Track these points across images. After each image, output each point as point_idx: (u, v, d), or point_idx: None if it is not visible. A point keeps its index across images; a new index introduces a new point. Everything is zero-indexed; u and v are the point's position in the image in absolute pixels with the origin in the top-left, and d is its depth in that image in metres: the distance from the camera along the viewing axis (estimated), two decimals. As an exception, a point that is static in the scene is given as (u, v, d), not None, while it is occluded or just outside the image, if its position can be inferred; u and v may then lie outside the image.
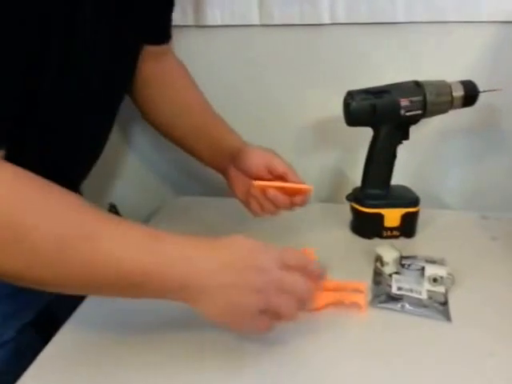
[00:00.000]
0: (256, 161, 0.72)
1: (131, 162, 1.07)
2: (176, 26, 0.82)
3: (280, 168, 0.70)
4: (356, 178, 0.83)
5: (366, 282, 0.66)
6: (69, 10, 0.51)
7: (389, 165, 0.80)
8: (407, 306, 0.62)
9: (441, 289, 0.64)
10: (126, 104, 0.77)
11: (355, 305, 0.62)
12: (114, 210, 1.06)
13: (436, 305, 0.62)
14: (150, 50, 0.77)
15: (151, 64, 0.79)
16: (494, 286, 0.67)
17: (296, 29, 0.90)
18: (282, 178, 0.70)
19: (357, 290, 0.64)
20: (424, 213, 0.81)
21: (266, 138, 0.95)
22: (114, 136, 0.80)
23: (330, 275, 0.67)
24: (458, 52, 0.86)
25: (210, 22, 0.91)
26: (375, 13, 0.86)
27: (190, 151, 0.82)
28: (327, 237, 0.80)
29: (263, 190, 0.70)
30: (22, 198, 0.45)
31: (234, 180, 0.75)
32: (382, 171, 0.80)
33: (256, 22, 0.91)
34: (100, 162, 1.04)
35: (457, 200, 0.95)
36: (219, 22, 0.91)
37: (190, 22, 0.92)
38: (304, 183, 0.70)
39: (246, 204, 0.74)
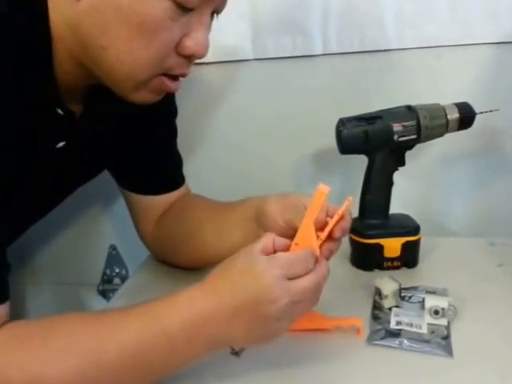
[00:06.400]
0: (274, 216, 0.61)
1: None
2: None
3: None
4: (355, 209, 0.80)
5: (362, 318, 0.62)
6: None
7: (386, 193, 0.77)
8: (406, 342, 0.58)
9: (442, 321, 0.60)
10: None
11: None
12: (114, 251, 1.07)
13: (437, 339, 0.58)
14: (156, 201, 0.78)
15: (168, 218, 0.78)
16: (499, 316, 0.63)
17: (289, 61, 0.90)
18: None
19: (353, 327, 0.61)
20: (427, 241, 0.78)
21: (263, 170, 0.96)
22: (113, 180, 0.81)
23: (327, 311, 0.64)
24: (452, 75, 0.85)
25: (203, 59, 0.92)
26: (366, 41, 0.87)
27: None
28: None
29: None
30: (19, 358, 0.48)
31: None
32: (379, 200, 0.78)
33: (250, 56, 0.92)
34: (100, 205, 1.06)
35: (462, 226, 0.91)
36: (212, 59, 0.91)
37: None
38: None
39: None
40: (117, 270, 1.06)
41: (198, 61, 0.93)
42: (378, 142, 0.75)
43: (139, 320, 0.50)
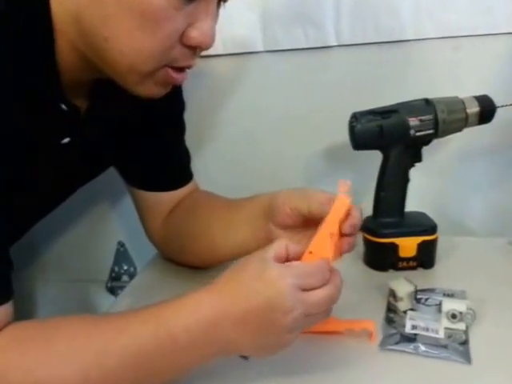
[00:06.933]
0: (281, 205, 0.60)
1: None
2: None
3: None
4: (369, 207, 0.77)
5: (375, 321, 0.59)
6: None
7: (401, 190, 0.74)
8: (421, 347, 0.55)
9: (460, 326, 0.57)
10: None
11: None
12: (122, 248, 1.05)
13: (455, 345, 0.55)
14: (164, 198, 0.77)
15: (176, 215, 0.76)
16: (521, 321, 0.60)
17: (300, 53, 0.88)
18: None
19: (365, 330, 0.58)
20: (445, 241, 0.75)
21: (273, 166, 0.93)
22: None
23: (338, 313, 0.62)
24: (472, 67, 0.82)
25: (211, 52, 0.90)
26: (382, 32, 0.84)
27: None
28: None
29: None
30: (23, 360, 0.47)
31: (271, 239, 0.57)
32: (394, 197, 0.75)
33: (260, 48, 0.89)
34: (109, 201, 1.05)
35: (481, 225, 0.88)
36: (221, 51, 0.89)
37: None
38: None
39: None
40: (125, 267, 1.05)
41: (206, 53, 0.90)
42: (393, 137, 0.72)
43: (144, 323, 0.48)
